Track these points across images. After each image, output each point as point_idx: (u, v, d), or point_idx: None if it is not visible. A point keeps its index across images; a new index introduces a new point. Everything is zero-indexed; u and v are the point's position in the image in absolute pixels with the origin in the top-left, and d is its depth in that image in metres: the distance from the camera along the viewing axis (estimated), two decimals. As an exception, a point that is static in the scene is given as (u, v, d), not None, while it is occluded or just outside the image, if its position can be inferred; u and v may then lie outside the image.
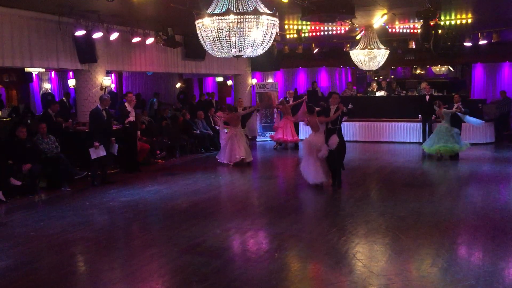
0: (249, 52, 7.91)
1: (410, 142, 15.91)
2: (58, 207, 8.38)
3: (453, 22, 13.40)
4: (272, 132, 16.20)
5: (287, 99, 15.93)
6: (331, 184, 9.49)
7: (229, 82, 20.82)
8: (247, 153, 12.20)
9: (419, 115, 15.28)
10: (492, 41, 14.85)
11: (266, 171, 11.82)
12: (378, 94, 17.64)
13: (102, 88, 12.25)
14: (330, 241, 6.24)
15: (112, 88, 17.58)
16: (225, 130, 12.66)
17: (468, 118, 12.34)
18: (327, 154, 9.17)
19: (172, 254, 5.90)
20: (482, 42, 14.94)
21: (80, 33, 11.11)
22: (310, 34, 15.08)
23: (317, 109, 9.74)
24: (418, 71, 22.86)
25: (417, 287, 4.81)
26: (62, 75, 20.63)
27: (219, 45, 7.70)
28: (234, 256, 6.00)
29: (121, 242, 6.68)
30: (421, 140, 15.04)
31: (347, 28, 14.18)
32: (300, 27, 14.23)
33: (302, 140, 14.74)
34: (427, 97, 15.00)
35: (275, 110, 17.11)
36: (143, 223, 7.54)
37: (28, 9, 10.35)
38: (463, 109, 12.32)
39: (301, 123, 15.11)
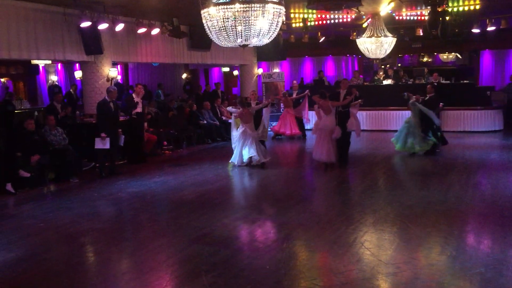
0: (255, 42, 7.87)
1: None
2: (67, 198, 8.44)
3: (461, 9, 13.25)
4: (275, 123, 16.02)
5: (291, 92, 15.71)
6: (339, 165, 10.18)
7: (235, 72, 20.76)
8: (264, 153, 11.02)
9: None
10: (501, 27, 14.70)
11: (273, 161, 11.78)
12: (385, 82, 17.51)
13: (109, 79, 12.24)
14: (338, 230, 6.24)
15: (118, 80, 17.59)
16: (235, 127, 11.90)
17: (431, 112, 11.22)
18: (340, 135, 9.90)
19: (180, 244, 5.92)
20: (490, 28, 14.79)
21: (85, 24, 11.10)
22: (316, 22, 14.99)
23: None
24: (425, 59, 22.64)
25: (426, 275, 4.80)
26: (69, 67, 20.67)
27: (225, 34, 7.66)
28: (243, 245, 6.01)
29: (129, 232, 6.72)
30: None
31: (353, 16, 14.06)
32: (306, 16, 14.14)
33: (301, 133, 14.86)
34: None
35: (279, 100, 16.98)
36: (151, 213, 7.56)
37: (33, 1, 10.35)
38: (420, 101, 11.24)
39: (312, 112, 14.16)
